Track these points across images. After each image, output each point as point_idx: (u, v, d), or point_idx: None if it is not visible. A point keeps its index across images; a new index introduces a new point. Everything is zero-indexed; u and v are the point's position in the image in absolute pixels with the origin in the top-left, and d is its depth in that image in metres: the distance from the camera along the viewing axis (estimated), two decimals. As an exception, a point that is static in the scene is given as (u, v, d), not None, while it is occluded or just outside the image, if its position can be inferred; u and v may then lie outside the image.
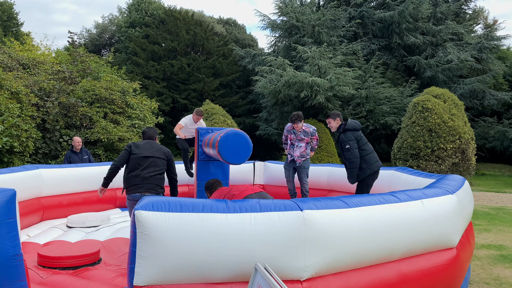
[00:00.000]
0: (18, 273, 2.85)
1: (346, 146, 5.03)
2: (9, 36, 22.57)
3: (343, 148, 5.09)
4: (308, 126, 6.64)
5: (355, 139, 5.09)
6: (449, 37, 19.09)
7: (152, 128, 4.86)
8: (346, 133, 5.12)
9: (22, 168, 5.98)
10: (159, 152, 4.56)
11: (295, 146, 6.56)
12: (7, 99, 8.81)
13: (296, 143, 6.54)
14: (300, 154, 6.54)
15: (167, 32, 23.67)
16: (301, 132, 6.53)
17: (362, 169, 5.09)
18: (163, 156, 4.57)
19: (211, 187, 4.71)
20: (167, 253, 2.44)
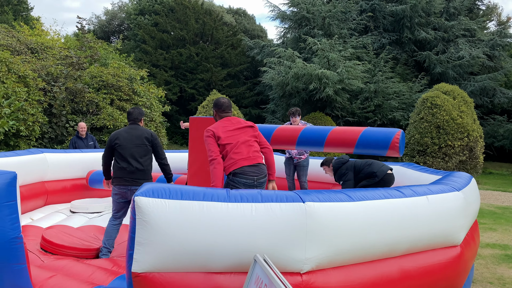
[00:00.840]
0: (18, 255, 2.85)
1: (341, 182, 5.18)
2: (18, 20, 22.59)
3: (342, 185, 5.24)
4: (304, 123, 6.58)
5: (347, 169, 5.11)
6: (462, 33, 18.78)
7: (137, 108, 4.54)
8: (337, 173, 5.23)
9: (27, 152, 6.00)
10: (140, 139, 4.30)
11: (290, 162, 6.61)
12: (14, 82, 8.83)
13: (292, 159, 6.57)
14: (297, 151, 6.50)
15: (176, 20, 23.55)
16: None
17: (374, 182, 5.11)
18: (146, 142, 4.31)
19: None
20: (166, 241, 2.41)
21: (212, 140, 3.59)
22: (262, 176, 3.62)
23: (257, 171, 3.57)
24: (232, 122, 3.77)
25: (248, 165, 3.53)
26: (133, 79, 12.31)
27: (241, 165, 3.50)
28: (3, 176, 2.79)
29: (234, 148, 3.56)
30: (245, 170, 3.51)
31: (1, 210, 2.75)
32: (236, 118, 3.82)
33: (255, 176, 3.54)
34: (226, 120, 3.78)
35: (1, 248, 2.74)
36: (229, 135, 3.63)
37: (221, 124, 3.71)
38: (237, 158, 3.52)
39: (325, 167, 5.53)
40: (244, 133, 3.69)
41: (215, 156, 3.51)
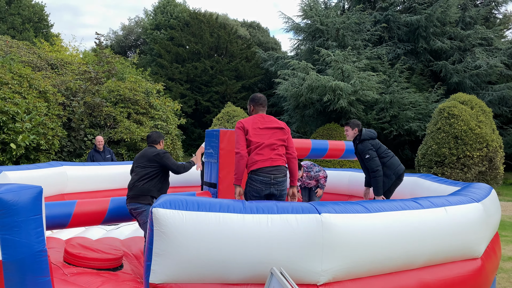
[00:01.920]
0: (42, 268, 2.90)
1: (366, 156, 4.96)
2: (39, 37, 23.31)
3: (363, 158, 5.02)
4: (309, 170, 6.54)
5: (373, 147, 5.01)
6: (478, 42, 18.58)
7: (156, 132, 4.71)
8: (363, 143, 5.04)
9: (47, 165, 6.13)
10: (143, 159, 4.40)
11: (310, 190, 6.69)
12: (35, 98, 9.07)
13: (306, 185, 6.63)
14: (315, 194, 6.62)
15: (192, 34, 23.94)
16: (305, 178, 6.56)
17: (387, 175, 5.00)
18: (147, 163, 4.37)
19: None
20: (184, 252, 2.43)
21: (241, 132, 3.66)
22: (281, 175, 3.63)
23: (275, 170, 3.60)
24: (265, 120, 3.80)
25: (268, 166, 3.57)
26: (150, 92, 12.52)
27: (261, 166, 3.56)
28: (29, 190, 2.86)
29: (258, 149, 3.60)
30: (264, 169, 3.56)
31: (28, 224, 2.81)
32: (269, 117, 3.85)
33: (272, 175, 3.56)
34: (259, 116, 3.82)
35: (27, 261, 2.80)
36: (257, 133, 3.67)
37: (252, 120, 3.76)
38: (258, 159, 3.57)
39: (348, 128, 5.22)
40: (272, 135, 3.72)
41: (241, 150, 3.59)
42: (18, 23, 25.90)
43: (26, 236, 2.79)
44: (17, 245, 2.76)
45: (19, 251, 2.76)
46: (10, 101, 8.33)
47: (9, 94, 8.48)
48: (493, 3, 20.62)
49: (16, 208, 2.74)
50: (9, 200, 2.72)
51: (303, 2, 19.71)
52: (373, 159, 4.90)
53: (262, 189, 3.56)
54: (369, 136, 5.08)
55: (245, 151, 3.60)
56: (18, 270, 2.77)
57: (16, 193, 2.77)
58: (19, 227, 2.76)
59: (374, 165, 4.90)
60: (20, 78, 9.31)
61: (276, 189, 3.61)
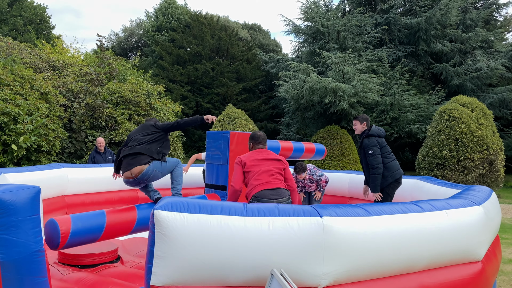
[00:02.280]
0: (39, 268, 2.91)
1: (369, 152, 4.94)
2: (41, 38, 23.35)
3: (366, 153, 4.99)
4: (312, 173, 6.52)
5: (378, 145, 5.00)
6: (479, 44, 18.59)
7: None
8: (370, 138, 5.02)
9: (48, 167, 6.14)
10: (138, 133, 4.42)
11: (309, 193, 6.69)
12: (36, 99, 9.09)
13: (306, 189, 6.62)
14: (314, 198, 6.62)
15: (193, 36, 23.98)
16: (307, 181, 6.52)
17: (384, 177, 4.99)
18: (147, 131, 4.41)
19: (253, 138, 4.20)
20: (185, 254, 2.44)
21: (239, 167, 3.88)
22: (284, 199, 3.73)
23: (276, 194, 3.70)
24: (262, 154, 3.99)
25: (267, 188, 3.68)
26: (151, 94, 12.54)
27: (261, 189, 3.67)
28: (27, 190, 2.88)
29: (256, 175, 3.75)
30: (265, 193, 3.66)
31: (25, 224, 2.82)
32: (268, 151, 4.04)
33: (275, 199, 3.65)
34: (257, 151, 4.02)
35: (24, 261, 2.81)
36: (255, 163, 3.85)
37: (250, 154, 3.97)
38: (256, 184, 3.70)
39: (357, 122, 5.20)
40: (270, 164, 3.87)
41: (235, 184, 3.80)
42: (20, 24, 25.96)
43: (24, 236, 2.80)
44: (15, 245, 2.77)
45: (16, 251, 2.77)
46: (12, 103, 8.35)
47: (11, 96, 8.50)
48: (494, 5, 20.65)
49: (13, 208, 2.75)
50: (7, 200, 2.73)
51: (304, 5, 19.74)
52: (376, 156, 4.90)
53: None
54: (377, 133, 5.07)
55: (239, 186, 3.81)
56: (16, 269, 2.79)
57: (14, 193, 2.78)
58: (16, 227, 2.78)
59: (375, 161, 4.88)
60: (21, 80, 9.33)
61: None
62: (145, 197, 7.73)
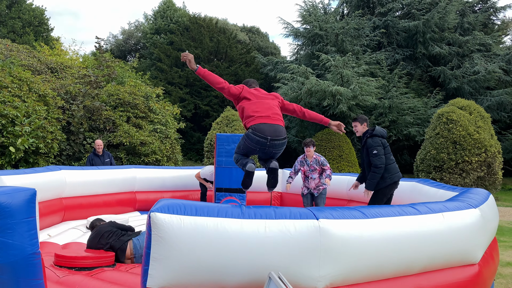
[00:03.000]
0: (35, 271, 2.90)
1: (373, 152, 4.91)
2: (39, 41, 23.35)
3: (370, 153, 4.95)
4: (318, 155, 6.59)
5: (382, 145, 5.00)
6: (477, 47, 18.66)
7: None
8: (374, 138, 5.00)
9: (45, 169, 6.13)
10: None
11: (309, 178, 6.52)
12: (35, 101, 9.08)
13: (310, 174, 6.50)
14: (315, 186, 6.49)
15: (191, 39, 24.01)
16: (313, 161, 6.49)
17: (383, 178, 4.98)
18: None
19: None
20: (181, 257, 2.43)
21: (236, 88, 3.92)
22: (278, 138, 3.66)
23: (273, 131, 3.62)
24: (258, 90, 4.02)
25: (265, 123, 3.62)
26: (149, 96, 12.54)
27: (259, 122, 3.62)
28: (23, 193, 2.87)
29: (254, 105, 3.74)
30: (262, 128, 3.60)
31: (21, 226, 2.81)
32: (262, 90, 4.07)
33: (268, 136, 3.60)
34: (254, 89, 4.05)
35: (20, 264, 2.80)
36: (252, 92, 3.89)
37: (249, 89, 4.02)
38: (256, 116, 3.66)
39: (357, 123, 5.19)
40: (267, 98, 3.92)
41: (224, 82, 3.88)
42: (18, 26, 25.95)
43: (20, 238, 2.79)
44: (10, 247, 2.76)
45: (12, 254, 2.76)
46: (10, 105, 8.34)
47: (9, 98, 8.49)
48: (492, 9, 20.73)
49: (9, 210, 2.74)
50: (2, 202, 2.72)
51: (302, 8, 19.79)
52: (380, 156, 4.89)
53: (256, 149, 3.67)
54: (381, 134, 5.07)
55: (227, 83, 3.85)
56: (11, 272, 2.77)
57: (9, 195, 2.77)
58: (12, 229, 2.76)
59: (379, 161, 4.86)
60: (19, 82, 9.32)
61: (272, 151, 3.70)
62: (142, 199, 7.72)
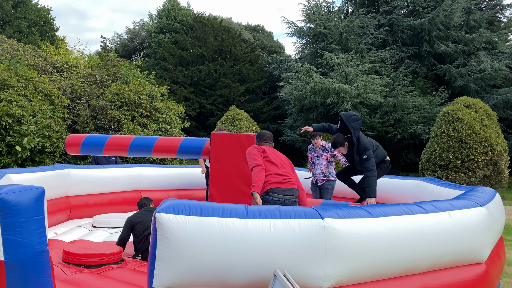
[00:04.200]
0: (44, 269, 2.93)
1: (364, 157, 4.87)
2: (45, 40, 23.47)
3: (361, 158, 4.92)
4: (326, 143, 6.67)
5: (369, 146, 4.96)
6: (483, 45, 18.52)
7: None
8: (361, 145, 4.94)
9: (52, 168, 6.17)
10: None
11: (316, 164, 6.52)
12: (40, 100, 9.14)
13: (317, 160, 6.49)
14: (321, 172, 6.44)
15: (196, 38, 24.03)
16: (320, 148, 6.51)
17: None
18: None
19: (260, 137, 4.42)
20: (186, 256, 2.44)
21: (257, 152, 3.99)
22: (293, 197, 3.92)
23: (288, 192, 3.88)
24: (274, 151, 4.20)
25: (282, 187, 3.85)
26: (154, 96, 12.57)
27: (275, 186, 3.83)
28: (31, 191, 2.89)
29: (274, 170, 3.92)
30: (277, 190, 3.83)
31: (29, 224, 2.84)
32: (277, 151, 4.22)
33: (286, 196, 3.83)
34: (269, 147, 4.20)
35: (29, 261, 2.83)
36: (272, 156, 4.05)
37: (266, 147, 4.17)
38: (274, 181, 3.84)
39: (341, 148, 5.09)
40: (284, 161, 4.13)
41: (259, 163, 3.87)
42: (24, 26, 26.10)
43: (28, 236, 2.82)
44: (19, 245, 2.79)
45: (21, 252, 2.79)
46: (16, 104, 8.40)
47: (15, 97, 8.55)
48: (498, 7, 20.58)
49: (18, 208, 2.77)
50: (11, 200, 2.75)
51: (306, 7, 19.74)
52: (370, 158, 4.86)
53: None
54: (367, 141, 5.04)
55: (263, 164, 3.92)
56: (20, 270, 2.81)
57: (18, 193, 2.81)
58: (21, 228, 2.79)
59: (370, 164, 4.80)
60: (25, 81, 9.38)
61: None
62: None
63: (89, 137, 5.97)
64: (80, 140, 5.87)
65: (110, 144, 5.76)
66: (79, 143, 5.85)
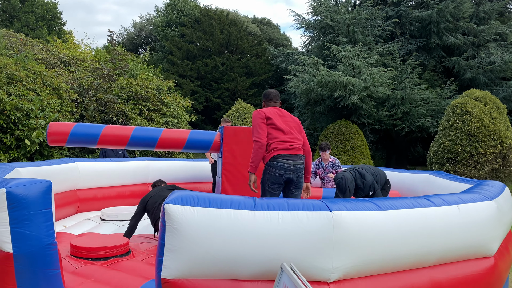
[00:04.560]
0: (52, 261, 2.96)
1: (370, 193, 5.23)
2: (52, 34, 23.57)
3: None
4: (333, 158, 6.76)
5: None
6: (492, 37, 18.26)
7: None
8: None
9: (60, 161, 6.22)
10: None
11: (325, 180, 6.64)
12: (48, 95, 9.19)
13: (326, 177, 6.62)
14: (331, 187, 6.59)
15: (202, 31, 23.98)
16: (328, 165, 6.58)
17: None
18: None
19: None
20: (195, 248, 2.45)
21: (262, 121, 3.79)
22: (300, 162, 3.78)
23: (295, 157, 3.75)
24: (282, 112, 3.96)
25: (288, 154, 3.71)
26: (161, 89, 12.59)
27: (281, 153, 3.71)
28: (39, 184, 2.92)
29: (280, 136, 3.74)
30: (283, 156, 3.70)
31: (37, 217, 2.87)
32: (284, 111, 4.00)
33: (292, 161, 3.71)
34: (276, 108, 3.97)
35: (37, 254, 2.86)
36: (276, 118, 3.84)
37: (271, 109, 3.92)
38: (280, 147, 3.71)
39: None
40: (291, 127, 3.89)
41: (261, 139, 3.72)
42: (32, 21, 26.21)
43: (36, 229, 2.85)
44: (27, 238, 2.83)
45: (29, 244, 2.83)
46: (24, 98, 8.46)
47: (23, 91, 8.60)
48: (508, -3, 20.25)
49: (26, 202, 2.80)
50: (19, 194, 2.78)
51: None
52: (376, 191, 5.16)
53: (282, 176, 3.73)
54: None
55: (265, 140, 3.74)
56: (29, 263, 2.84)
57: (26, 187, 2.83)
58: (29, 221, 2.83)
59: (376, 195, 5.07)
60: (34, 76, 9.43)
61: (296, 176, 3.74)
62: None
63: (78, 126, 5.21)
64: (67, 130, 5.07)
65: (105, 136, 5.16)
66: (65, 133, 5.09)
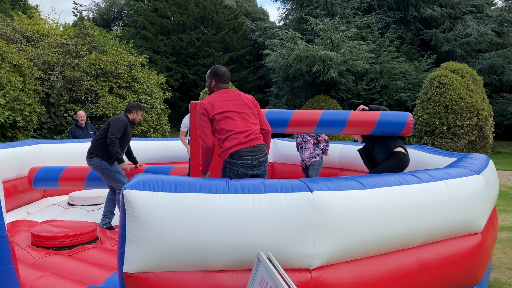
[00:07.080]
0: (3, 256, 2.65)
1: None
2: (16, 9, 22.22)
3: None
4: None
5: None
6: (469, 9, 18.21)
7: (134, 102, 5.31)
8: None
9: (21, 143, 5.79)
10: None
11: (303, 148, 6.39)
12: (9, 72, 8.58)
13: (304, 145, 6.35)
14: (308, 156, 6.34)
15: (176, 5, 23.07)
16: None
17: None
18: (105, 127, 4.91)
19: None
20: (160, 237, 2.18)
21: (205, 119, 3.19)
22: (262, 155, 3.22)
23: (256, 151, 3.18)
24: (231, 96, 3.30)
25: (246, 147, 3.15)
26: (132, 65, 12.02)
27: (238, 148, 3.13)
28: (-18, 170, 2.56)
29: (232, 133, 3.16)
30: (242, 152, 3.13)
31: (-18, 208, 2.53)
32: (235, 91, 3.37)
33: (253, 156, 3.15)
34: (224, 92, 3.31)
35: (-16, 249, 2.53)
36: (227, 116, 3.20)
37: (216, 98, 3.25)
38: (235, 144, 3.14)
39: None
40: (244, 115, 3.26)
41: (207, 143, 3.16)
42: (-7, -6, 24.66)
43: (-17, 222, 2.52)
44: (-28, 232, 2.50)
45: (-24, 239, 2.50)
46: (-19, 76, 7.86)
47: (-20, 69, 7.99)
48: (485, -32, 20.14)
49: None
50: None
51: (291, -31, 19.01)
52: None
53: (245, 173, 3.16)
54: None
55: (211, 141, 3.17)
56: (-25, 259, 2.52)
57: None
58: (-28, 213, 2.49)
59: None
60: (-9, 52, 8.78)
61: (261, 170, 3.21)
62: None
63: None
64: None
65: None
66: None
